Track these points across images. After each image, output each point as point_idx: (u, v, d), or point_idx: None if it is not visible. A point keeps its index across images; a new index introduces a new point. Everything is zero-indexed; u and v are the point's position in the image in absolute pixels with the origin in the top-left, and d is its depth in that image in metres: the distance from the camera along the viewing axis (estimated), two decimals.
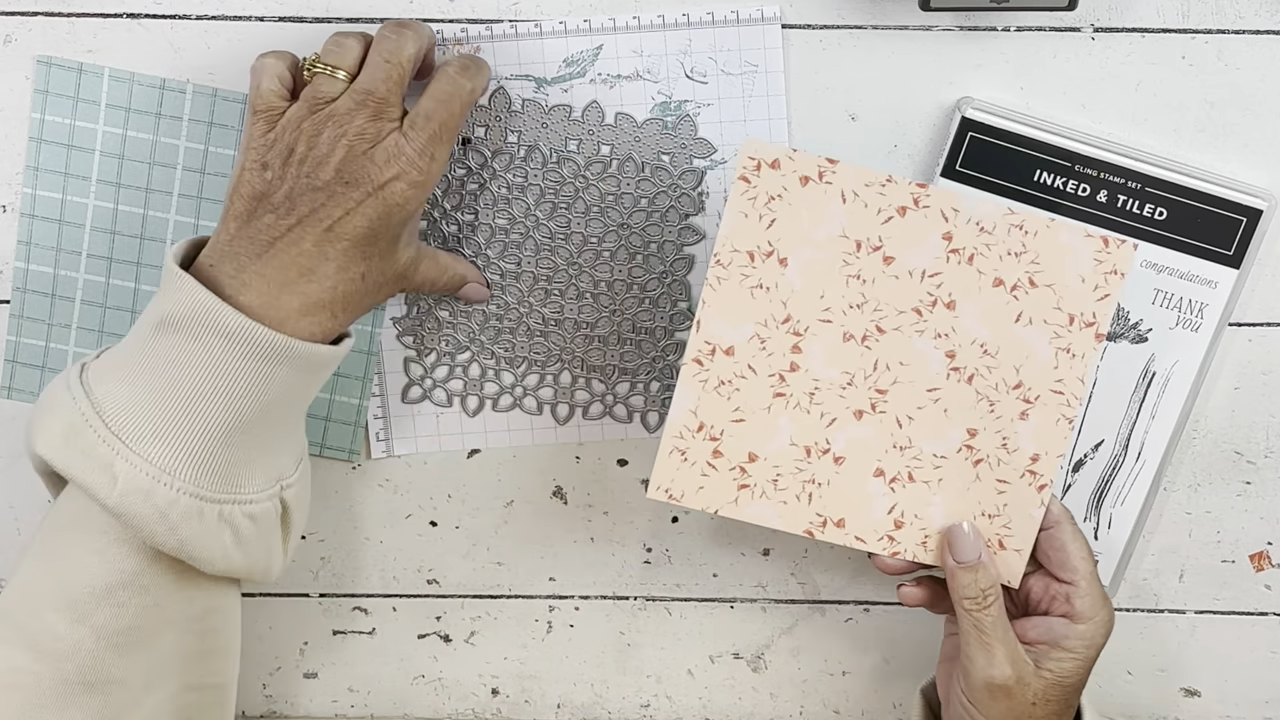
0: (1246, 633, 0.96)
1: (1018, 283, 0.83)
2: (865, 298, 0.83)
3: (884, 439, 0.84)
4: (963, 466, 0.84)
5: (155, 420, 0.75)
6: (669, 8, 0.89)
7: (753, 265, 0.82)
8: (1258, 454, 0.93)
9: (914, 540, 0.85)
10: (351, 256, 0.78)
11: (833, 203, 0.82)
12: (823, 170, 0.82)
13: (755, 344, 0.83)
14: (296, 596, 0.97)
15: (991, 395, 0.83)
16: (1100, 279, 0.83)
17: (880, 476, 0.84)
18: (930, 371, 0.83)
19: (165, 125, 0.90)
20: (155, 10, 0.89)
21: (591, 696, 0.99)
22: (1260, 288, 0.91)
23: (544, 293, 0.91)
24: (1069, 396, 0.83)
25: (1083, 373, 0.83)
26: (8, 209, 0.91)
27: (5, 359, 0.93)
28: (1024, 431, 0.83)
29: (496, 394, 0.93)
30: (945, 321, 0.83)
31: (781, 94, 0.89)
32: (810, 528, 0.84)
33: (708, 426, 0.83)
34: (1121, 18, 0.88)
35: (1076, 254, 0.82)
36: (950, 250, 0.82)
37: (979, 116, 0.88)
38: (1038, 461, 0.83)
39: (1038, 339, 0.83)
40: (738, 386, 0.83)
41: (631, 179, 0.90)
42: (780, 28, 0.89)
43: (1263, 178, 0.90)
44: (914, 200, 0.82)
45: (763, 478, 0.84)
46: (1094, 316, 0.83)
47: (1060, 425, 0.83)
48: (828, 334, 0.83)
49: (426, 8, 0.89)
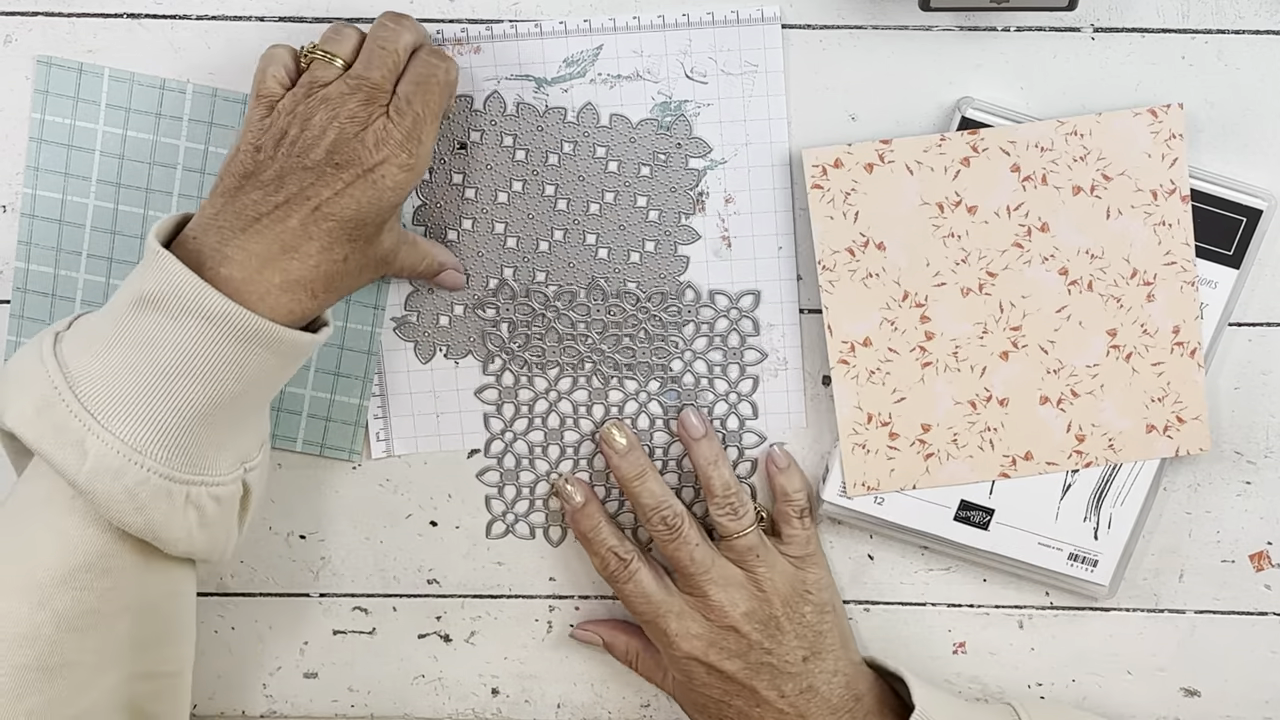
0: (1246, 633, 0.96)
1: (1094, 183, 0.87)
2: (966, 251, 0.87)
3: (1036, 369, 0.88)
4: (1117, 366, 0.88)
5: (129, 397, 0.75)
6: (669, 8, 0.89)
7: (856, 260, 0.87)
8: (1258, 454, 0.93)
9: (1100, 447, 0.89)
10: (336, 238, 0.78)
11: (902, 178, 0.87)
12: (881, 152, 0.87)
13: (887, 328, 0.88)
14: (296, 596, 0.97)
15: (1114, 293, 0.87)
16: (1164, 148, 0.87)
17: (1047, 403, 0.89)
18: (1052, 294, 0.88)
19: (165, 125, 0.90)
20: (155, 10, 0.89)
21: (591, 696, 0.98)
22: (1260, 288, 0.91)
23: (565, 297, 0.92)
24: (1181, 262, 0.87)
25: (1185, 237, 0.87)
26: (8, 209, 0.91)
27: (6, 359, 0.92)
28: (1156, 312, 0.88)
29: (531, 400, 0.93)
30: (1046, 244, 0.87)
31: (781, 94, 0.89)
32: (1003, 469, 0.89)
33: (876, 415, 0.89)
34: (1121, 18, 0.88)
35: (1133, 135, 0.86)
36: (1023, 180, 0.86)
37: (979, 116, 0.88)
38: (1180, 332, 0.88)
39: (1133, 225, 0.87)
40: (887, 371, 0.89)
41: (629, 180, 0.90)
42: (780, 28, 0.89)
43: (1263, 178, 0.90)
44: (972, 148, 0.86)
45: (943, 441, 0.89)
46: (1173, 183, 0.87)
47: (1186, 291, 0.88)
48: (947, 295, 0.88)
49: (426, 7, 0.89)
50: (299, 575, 0.96)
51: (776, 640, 0.88)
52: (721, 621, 0.88)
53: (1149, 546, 0.95)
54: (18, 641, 0.74)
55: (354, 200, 0.78)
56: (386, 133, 0.78)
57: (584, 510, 0.91)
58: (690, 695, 0.91)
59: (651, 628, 0.90)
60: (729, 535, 0.89)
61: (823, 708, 0.88)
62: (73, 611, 0.75)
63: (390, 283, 0.92)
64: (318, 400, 0.93)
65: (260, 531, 0.95)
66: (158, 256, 0.76)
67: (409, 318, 0.92)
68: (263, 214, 0.78)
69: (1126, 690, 0.97)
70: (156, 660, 0.80)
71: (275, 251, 0.77)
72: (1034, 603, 0.96)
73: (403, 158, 0.79)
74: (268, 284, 0.77)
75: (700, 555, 0.88)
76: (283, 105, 0.80)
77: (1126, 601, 0.96)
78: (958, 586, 0.96)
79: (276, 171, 0.78)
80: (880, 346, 0.89)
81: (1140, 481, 0.92)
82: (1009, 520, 0.92)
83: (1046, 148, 0.87)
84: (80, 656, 0.75)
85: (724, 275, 0.91)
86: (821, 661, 0.89)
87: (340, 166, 0.78)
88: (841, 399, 0.89)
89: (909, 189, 0.87)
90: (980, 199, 0.87)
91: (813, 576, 0.90)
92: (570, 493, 0.91)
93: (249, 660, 0.97)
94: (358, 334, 0.92)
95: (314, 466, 0.94)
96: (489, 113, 0.89)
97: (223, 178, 0.79)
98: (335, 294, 0.80)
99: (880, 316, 0.88)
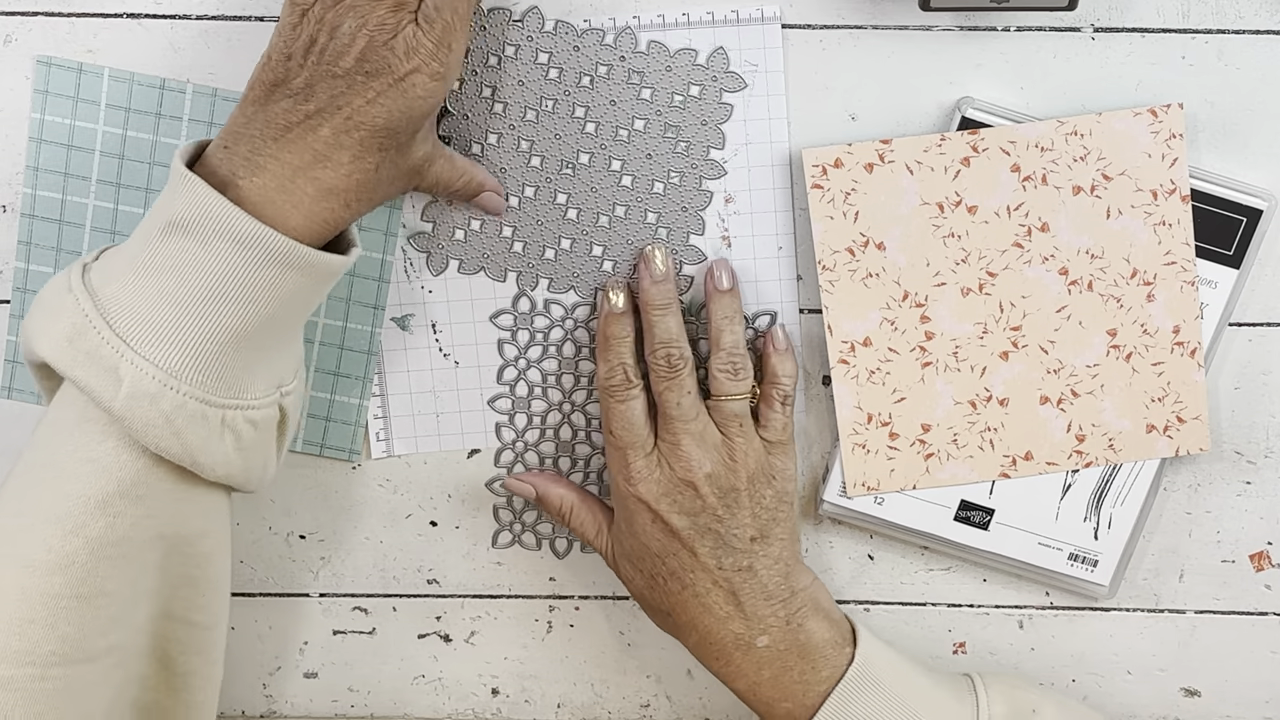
0: (1246, 633, 0.96)
1: (1094, 183, 0.87)
2: (966, 250, 0.87)
3: (1036, 369, 0.88)
4: (1117, 365, 0.88)
5: (162, 323, 0.75)
6: (669, 8, 0.89)
7: (855, 259, 0.88)
8: (1258, 454, 0.93)
9: (1101, 447, 0.90)
10: (367, 146, 0.78)
11: (902, 177, 0.87)
12: (881, 152, 0.87)
13: (886, 328, 0.88)
14: (296, 596, 0.97)
15: (1115, 292, 0.87)
16: (1164, 148, 0.87)
17: (1047, 403, 0.89)
18: (1052, 294, 0.88)
19: (165, 125, 0.90)
20: (155, 10, 0.89)
21: (591, 696, 0.99)
22: (1260, 288, 0.91)
23: (572, 217, 0.91)
24: (1181, 262, 0.87)
25: (1186, 237, 0.87)
26: (8, 209, 0.91)
27: (5, 359, 0.92)
28: (1156, 311, 0.88)
29: (547, 327, 0.92)
30: (1046, 244, 0.87)
31: (782, 93, 0.89)
32: (1003, 470, 0.89)
33: (876, 415, 0.89)
34: (1121, 18, 0.88)
35: (1134, 135, 0.86)
36: (1023, 180, 0.87)
37: (979, 116, 0.88)
38: (1180, 331, 0.88)
39: (1133, 225, 0.87)
40: (887, 371, 0.89)
41: (660, 109, 0.89)
42: (780, 27, 0.89)
43: (1263, 178, 0.90)
44: (972, 147, 0.86)
45: (943, 441, 0.89)
46: (1173, 183, 0.87)
47: (1186, 291, 0.88)
48: (947, 295, 0.88)
49: None
50: (299, 575, 0.96)
51: (731, 512, 0.87)
52: (685, 475, 0.86)
53: (1149, 546, 0.95)
54: (51, 568, 0.73)
55: (385, 109, 0.77)
56: (417, 41, 0.77)
57: (620, 318, 0.89)
58: (626, 542, 0.89)
59: (616, 457, 0.88)
60: (721, 395, 0.88)
61: (757, 590, 0.87)
62: (106, 539, 0.74)
63: (389, 283, 0.92)
64: (317, 400, 0.93)
65: (260, 531, 0.95)
66: (185, 180, 0.75)
67: (424, 228, 0.92)
68: (294, 123, 0.77)
69: (1126, 690, 0.97)
70: (189, 605, 0.80)
71: (308, 160, 0.77)
72: (1034, 603, 0.96)
73: (434, 66, 0.78)
74: (301, 193, 0.77)
75: (687, 404, 0.87)
76: (313, 12, 0.78)
77: (1126, 601, 0.96)
78: (958, 586, 0.96)
79: (306, 80, 0.77)
80: (880, 346, 0.89)
81: (1140, 481, 0.92)
82: (1009, 520, 0.92)
83: (1046, 148, 0.87)
84: (114, 586, 0.75)
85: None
86: (768, 546, 0.88)
87: (371, 75, 0.77)
88: (841, 399, 0.89)
89: (909, 189, 0.87)
90: (980, 199, 0.87)
91: (780, 464, 0.89)
92: (615, 296, 0.89)
93: (248, 660, 0.98)
94: (357, 334, 0.92)
95: (314, 466, 0.94)
96: (526, 27, 0.89)
97: (253, 86, 0.78)
98: (368, 204, 0.80)
99: (880, 316, 0.88)
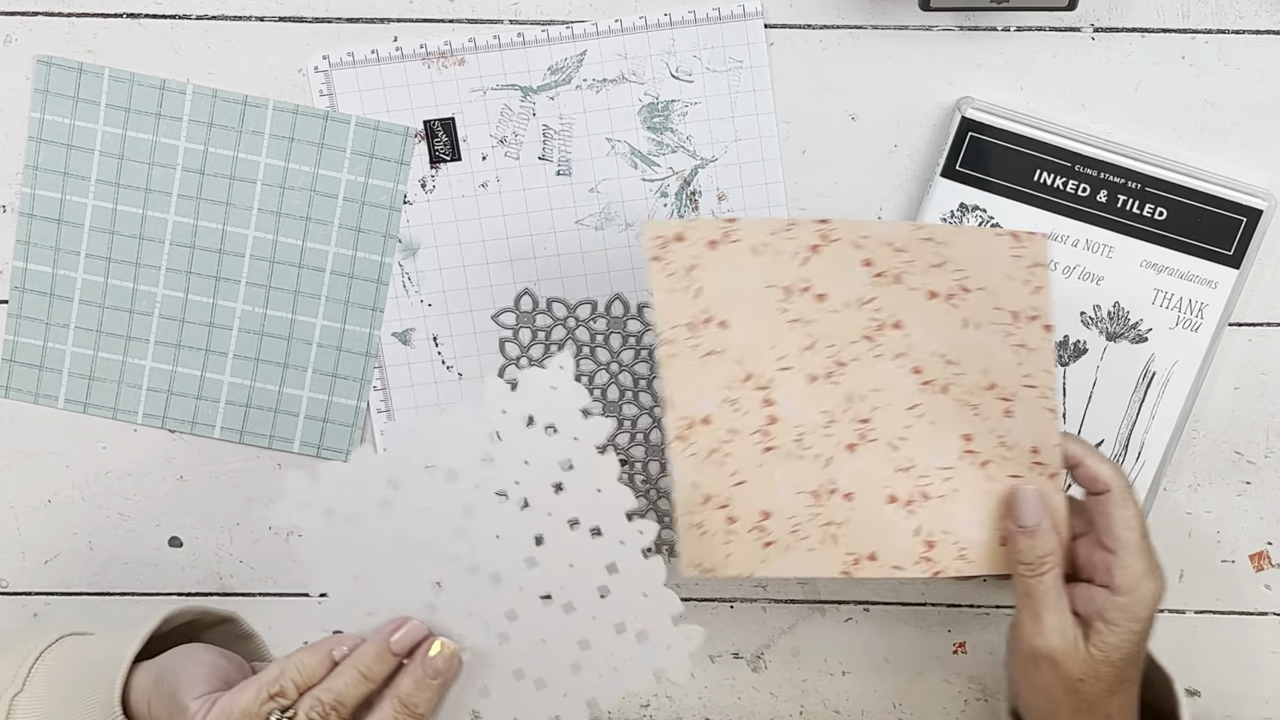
0: (1246, 633, 0.96)
1: (951, 291, 0.82)
2: (814, 337, 0.82)
3: (884, 465, 0.83)
4: (971, 471, 0.83)
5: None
6: (651, 8, 0.89)
7: (697, 336, 0.81)
8: (1258, 454, 0.93)
9: (951, 555, 0.83)
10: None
11: (745, 258, 0.81)
12: (726, 231, 0.80)
13: (728, 407, 0.82)
14: (296, 596, 0.97)
15: (970, 400, 0.82)
16: (1026, 274, 0.81)
17: (894, 502, 0.83)
18: (904, 390, 0.82)
19: (165, 125, 0.90)
20: (155, 10, 0.89)
21: None
22: (1260, 288, 0.91)
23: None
24: (1043, 389, 0.82)
25: (1046, 364, 0.81)
26: (7, 209, 0.91)
27: (3, 358, 0.93)
28: (1015, 428, 0.82)
29: (549, 326, 0.92)
30: (899, 341, 0.82)
31: (768, 88, 0.89)
32: (845, 568, 0.83)
33: (714, 496, 0.82)
34: (1121, 18, 0.88)
35: (993, 256, 0.81)
36: (876, 275, 0.81)
37: (979, 116, 0.88)
38: (1039, 454, 0.82)
39: (991, 340, 0.82)
40: (727, 451, 0.82)
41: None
42: (763, 23, 0.89)
43: (1263, 178, 0.90)
44: (822, 236, 0.81)
45: (783, 530, 0.83)
46: (1035, 310, 0.81)
47: (1046, 416, 0.82)
48: (792, 380, 0.82)
49: (427, 8, 0.89)
50: (299, 575, 0.96)
51: None
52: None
53: None
54: None
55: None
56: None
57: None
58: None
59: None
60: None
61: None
62: None
63: (388, 284, 0.92)
64: (315, 401, 0.93)
65: (260, 531, 0.95)
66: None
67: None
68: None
69: None
70: None
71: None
72: None
73: None
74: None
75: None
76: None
77: None
78: (957, 586, 0.96)
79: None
80: (720, 426, 0.82)
81: (1140, 481, 0.92)
82: None
83: (901, 249, 0.81)
84: None
85: None
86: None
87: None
88: (678, 476, 0.82)
89: (753, 270, 0.81)
90: (830, 288, 0.81)
91: None
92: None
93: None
94: (355, 335, 0.92)
95: (313, 467, 0.94)
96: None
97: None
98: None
99: (722, 395, 0.82)
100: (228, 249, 0.91)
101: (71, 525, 0.95)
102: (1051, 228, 0.90)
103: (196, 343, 0.92)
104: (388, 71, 0.90)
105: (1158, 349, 0.91)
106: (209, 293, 0.92)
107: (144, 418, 0.93)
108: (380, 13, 0.89)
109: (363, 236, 0.91)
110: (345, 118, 0.90)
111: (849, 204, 0.91)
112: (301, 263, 0.91)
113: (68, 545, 0.96)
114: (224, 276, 0.92)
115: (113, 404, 0.93)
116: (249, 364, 0.93)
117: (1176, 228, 0.89)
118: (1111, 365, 0.91)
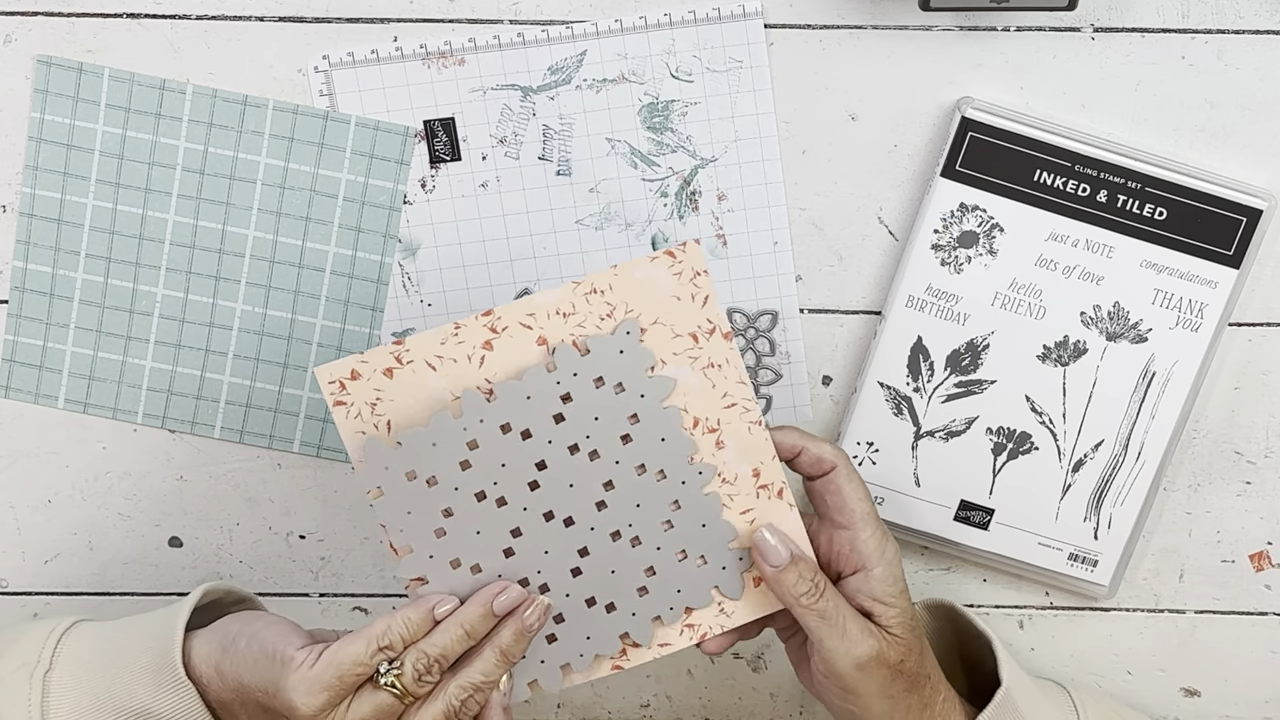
0: (1246, 633, 0.96)
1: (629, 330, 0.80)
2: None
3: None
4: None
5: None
6: (651, 8, 0.89)
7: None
8: (1258, 454, 0.93)
9: (711, 615, 0.83)
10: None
11: (427, 376, 0.79)
12: (397, 354, 0.78)
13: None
14: (296, 596, 0.97)
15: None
16: (691, 288, 0.80)
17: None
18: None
19: (165, 125, 0.90)
20: (155, 10, 0.89)
21: (591, 696, 0.98)
22: (1260, 288, 0.91)
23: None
24: (742, 403, 0.81)
25: (739, 375, 0.81)
26: (7, 209, 0.91)
27: (3, 358, 0.93)
28: (730, 459, 0.81)
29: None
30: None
31: (768, 88, 0.89)
32: (616, 663, 0.83)
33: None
34: (1121, 18, 0.88)
35: (656, 281, 0.79)
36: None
37: (979, 116, 0.88)
38: (760, 475, 0.82)
39: (681, 372, 0.80)
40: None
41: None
42: (763, 23, 0.89)
43: (1263, 178, 0.90)
44: (490, 329, 0.79)
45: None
46: (710, 322, 0.80)
47: (755, 432, 0.81)
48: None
49: (427, 8, 0.89)
50: (299, 575, 0.96)
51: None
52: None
53: (1149, 546, 0.95)
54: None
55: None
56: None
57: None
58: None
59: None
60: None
61: None
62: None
63: (387, 284, 0.92)
64: (315, 401, 0.93)
65: (260, 531, 0.96)
66: (179, 686, 0.80)
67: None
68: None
69: (1126, 690, 0.97)
70: None
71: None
72: (1034, 603, 0.96)
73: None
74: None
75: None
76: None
77: (1126, 601, 0.96)
78: (958, 586, 0.96)
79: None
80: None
81: (1140, 481, 0.92)
82: (1009, 520, 0.92)
83: (569, 313, 0.79)
84: None
85: (722, 273, 0.91)
86: None
87: None
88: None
89: (436, 386, 0.79)
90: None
91: None
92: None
93: None
94: (355, 336, 0.92)
95: (313, 467, 0.94)
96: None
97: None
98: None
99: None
100: (228, 249, 0.91)
101: (71, 525, 0.95)
102: (1051, 228, 0.90)
103: (196, 343, 0.92)
104: (388, 71, 0.90)
105: (1158, 349, 0.91)
106: (209, 293, 0.92)
107: (144, 418, 0.93)
108: (380, 13, 0.89)
109: (363, 236, 0.91)
110: (345, 118, 0.90)
111: (849, 204, 0.91)
112: (301, 263, 0.91)
113: (68, 545, 0.96)
114: (224, 276, 0.92)
115: (113, 404, 0.93)
116: (249, 364, 0.93)
117: (1176, 228, 0.89)
118: (1111, 365, 0.91)
